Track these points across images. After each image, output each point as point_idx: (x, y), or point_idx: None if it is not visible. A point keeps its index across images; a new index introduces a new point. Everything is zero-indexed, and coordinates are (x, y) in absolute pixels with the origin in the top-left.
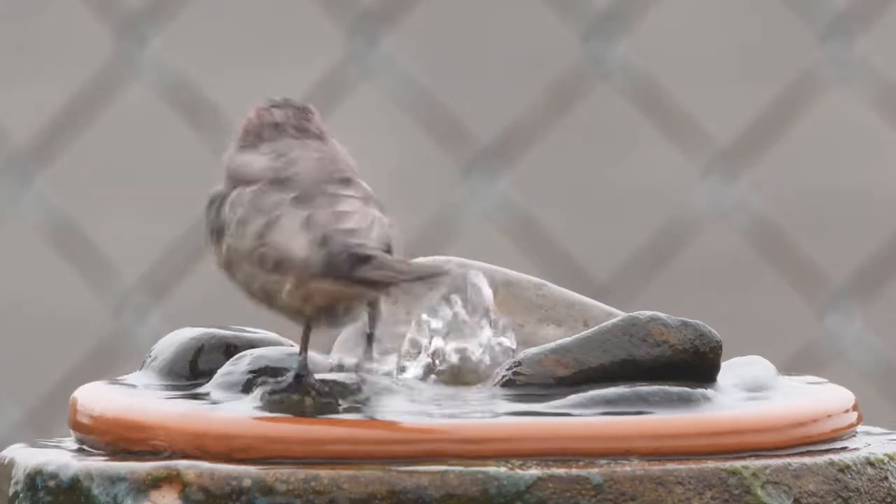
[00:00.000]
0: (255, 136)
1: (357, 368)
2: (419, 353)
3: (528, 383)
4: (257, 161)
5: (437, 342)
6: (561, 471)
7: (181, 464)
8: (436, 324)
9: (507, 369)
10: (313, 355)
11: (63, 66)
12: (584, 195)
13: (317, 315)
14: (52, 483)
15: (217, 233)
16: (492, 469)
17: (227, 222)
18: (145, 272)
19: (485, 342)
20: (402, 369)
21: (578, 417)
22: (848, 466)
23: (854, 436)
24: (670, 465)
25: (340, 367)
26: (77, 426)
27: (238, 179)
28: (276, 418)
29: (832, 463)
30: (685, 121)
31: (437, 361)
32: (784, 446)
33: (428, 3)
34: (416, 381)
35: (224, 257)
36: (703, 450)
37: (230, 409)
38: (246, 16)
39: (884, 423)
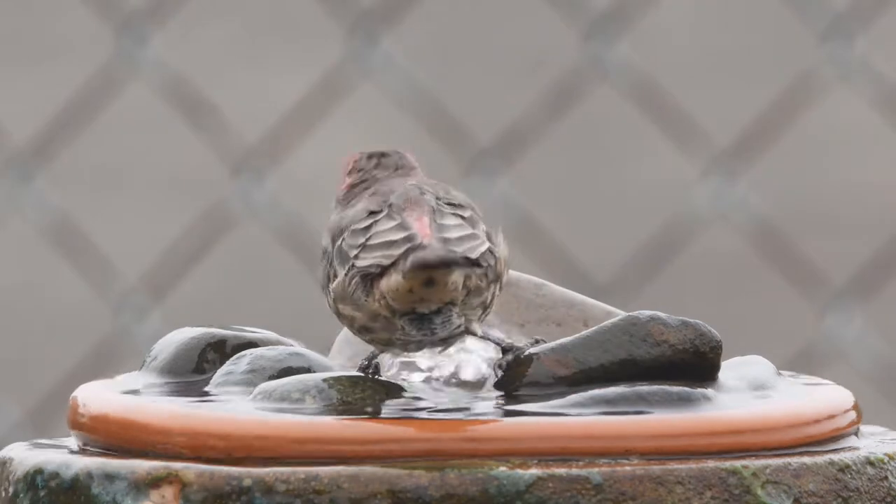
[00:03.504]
0: (349, 195)
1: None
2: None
3: (528, 383)
4: (354, 209)
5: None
6: (561, 471)
7: (181, 464)
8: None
9: (507, 369)
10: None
11: (63, 66)
12: (584, 195)
13: (404, 318)
14: (52, 483)
15: (325, 283)
16: (492, 469)
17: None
18: (145, 272)
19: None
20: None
21: (578, 417)
22: (848, 466)
23: (854, 435)
24: (670, 465)
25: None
26: (77, 426)
27: (334, 232)
28: (276, 418)
29: (832, 463)
30: (685, 121)
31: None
32: (784, 446)
33: (428, 3)
34: (418, 383)
35: (332, 304)
36: (703, 449)
37: (230, 409)
38: (246, 16)
39: (884, 423)
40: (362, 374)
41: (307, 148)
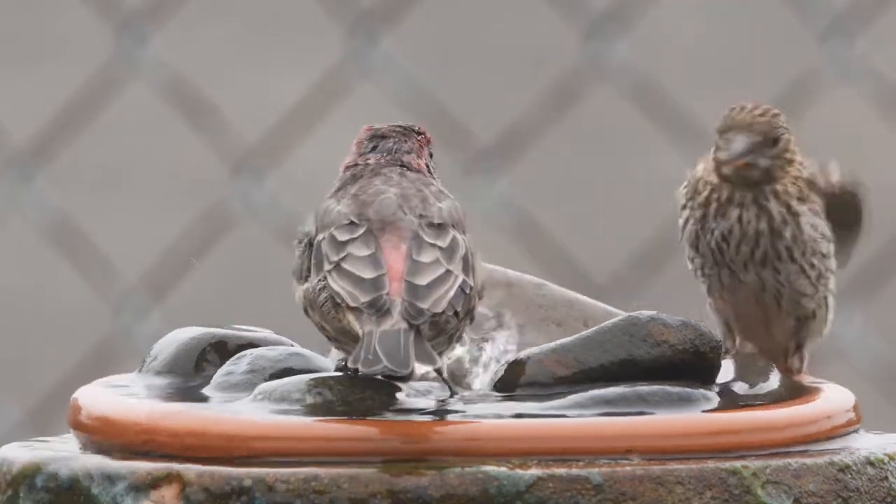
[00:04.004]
0: (350, 176)
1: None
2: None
3: (528, 383)
4: (338, 206)
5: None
6: (561, 471)
7: (181, 464)
8: None
9: (508, 369)
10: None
11: (63, 65)
12: (583, 195)
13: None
14: (51, 483)
15: (299, 275)
16: (492, 469)
17: (307, 267)
18: (145, 272)
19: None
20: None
21: (578, 417)
22: (848, 466)
23: (854, 435)
24: (670, 465)
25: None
26: (78, 426)
27: (320, 224)
28: (276, 418)
29: (832, 463)
30: (685, 121)
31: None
32: (784, 446)
33: (428, 3)
34: (419, 383)
35: (302, 301)
36: (703, 450)
37: (230, 409)
38: (246, 16)
39: (884, 423)
40: (361, 374)
41: (307, 148)
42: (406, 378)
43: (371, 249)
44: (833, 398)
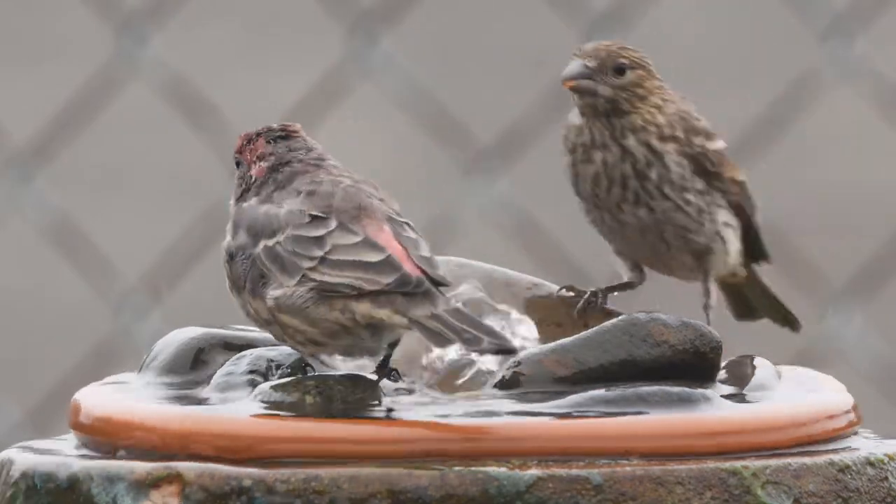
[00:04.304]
0: (262, 182)
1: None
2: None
3: (528, 383)
4: (280, 208)
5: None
6: (561, 471)
7: (181, 464)
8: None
9: (507, 369)
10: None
11: (63, 65)
12: None
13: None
14: (51, 483)
15: (251, 288)
16: (492, 469)
17: (266, 276)
18: (145, 272)
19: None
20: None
21: (578, 417)
22: (848, 466)
23: (854, 436)
24: (670, 465)
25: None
26: (78, 427)
27: (261, 231)
28: (276, 418)
29: (832, 463)
30: None
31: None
32: (784, 446)
33: (428, 3)
34: (417, 384)
35: (268, 311)
36: (703, 450)
37: (230, 410)
38: (246, 16)
39: (884, 423)
40: (361, 375)
41: None
42: (514, 351)
43: (359, 236)
44: (833, 398)
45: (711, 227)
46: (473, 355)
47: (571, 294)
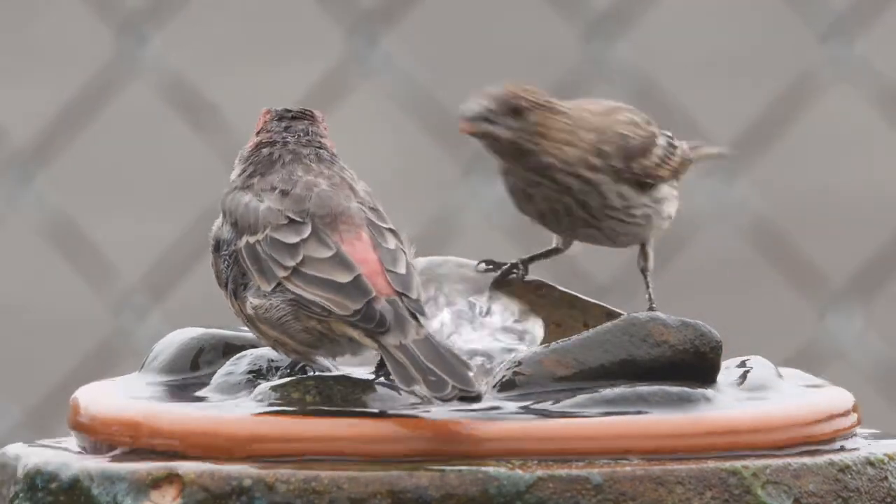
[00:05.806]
0: (266, 156)
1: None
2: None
3: (528, 383)
4: (261, 203)
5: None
6: (561, 471)
7: (181, 464)
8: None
9: (507, 369)
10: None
11: (63, 65)
12: None
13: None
14: (52, 483)
15: (233, 289)
16: (492, 469)
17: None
18: (145, 272)
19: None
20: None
21: (578, 417)
22: (848, 466)
23: (854, 436)
24: (670, 465)
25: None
26: (78, 427)
27: (243, 225)
28: (276, 418)
29: (832, 463)
30: (685, 120)
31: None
32: (784, 446)
33: (428, 3)
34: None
35: (248, 315)
36: (703, 450)
37: (230, 410)
38: (246, 16)
39: (884, 423)
40: (361, 375)
41: None
42: (479, 399)
43: (332, 249)
44: (833, 399)
45: (659, 221)
46: (474, 356)
47: (491, 268)
